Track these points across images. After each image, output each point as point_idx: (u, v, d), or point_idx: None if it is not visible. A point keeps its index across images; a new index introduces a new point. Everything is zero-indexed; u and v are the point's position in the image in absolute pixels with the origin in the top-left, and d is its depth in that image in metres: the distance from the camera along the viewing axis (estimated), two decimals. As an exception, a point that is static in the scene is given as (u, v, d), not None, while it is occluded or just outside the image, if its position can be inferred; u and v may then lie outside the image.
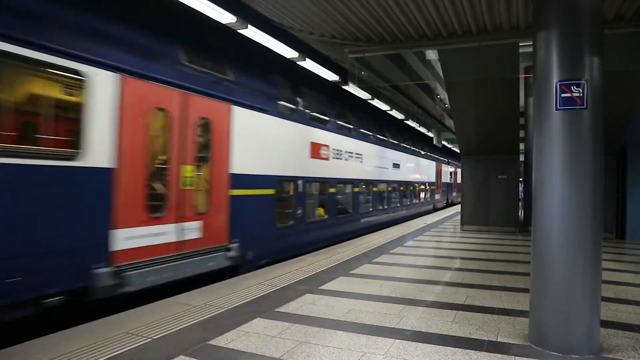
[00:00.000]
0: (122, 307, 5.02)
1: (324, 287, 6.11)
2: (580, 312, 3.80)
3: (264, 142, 8.31)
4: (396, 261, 8.19)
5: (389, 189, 16.53)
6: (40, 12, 4.63)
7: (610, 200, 11.20)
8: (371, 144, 14.55)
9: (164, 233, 6.01)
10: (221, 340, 4.03)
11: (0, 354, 3.66)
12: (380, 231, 13.43)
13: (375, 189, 14.83)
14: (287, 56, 8.01)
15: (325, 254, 8.89)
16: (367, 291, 5.90)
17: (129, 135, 5.47)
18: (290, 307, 5.12)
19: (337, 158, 11.70)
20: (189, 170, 6.44)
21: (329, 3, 6.05)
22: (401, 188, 18.14)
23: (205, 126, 6.81)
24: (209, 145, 6.87)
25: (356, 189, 13.20)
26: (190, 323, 4.48)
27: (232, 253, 7.22)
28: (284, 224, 9.15)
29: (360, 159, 13.43)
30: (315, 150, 10.44)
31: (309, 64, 8.63)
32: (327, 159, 11.05)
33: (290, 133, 9.43)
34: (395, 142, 17.63)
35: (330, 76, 9.70)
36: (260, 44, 7.19)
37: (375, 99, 12.68)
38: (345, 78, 9.76)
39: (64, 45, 4.77)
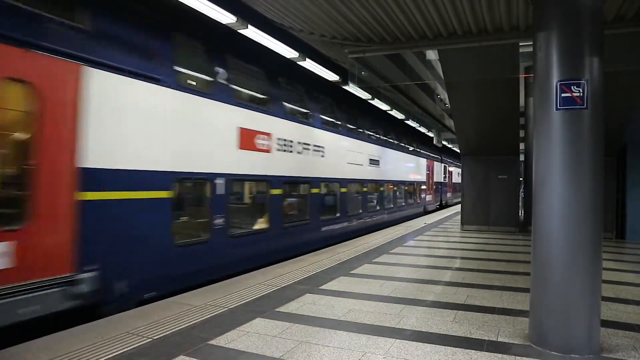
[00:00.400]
0: None
1: (324, 287, 6.12)
2: (580, 312, 3.81)
3: (148, 124, 5.96)
4: (396, 261, 8.20)
5: (364, 189, 14.18)
6: None
7: (610, 200, 11.21)
8: (339, 135, 12.21)
9: None
10: (221, 340, 4.03)
11: (1, 354, 3.67)
12: (380, 231, 13.42)
13: (343, 189, 12.41)
14: (288, 56, 8.01)
15: (325, 253, 8.89)
16: (368, 291, 5.90)
17: None
18: (291, 307, 5.12)
19: (285, 150, 9.27)
20: None
21: (330, 4, 6.05)
22: (381, 188, 15.70)
23: (22, 94, 4.57)
24: (28, 123, 4.65)
25: (315, 190, 10.76)
26: (190, 323, 4.48)
27: (81, 287, 4.90)
28: (188, 240, 6.79)
29: (322, 153, 11.01)
30: (248, 139, 8.04)
31: (309, 64, 8.64)
32: (267, 150, 8.66)
33: (203, 114, 7.03)
34: (375, 134, 15.32)
35: (331, 76, 9.71)
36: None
37: (376, 99, 12.67)
38: (345, 78, 9.76)
39: None
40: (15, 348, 3.78)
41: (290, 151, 9.53)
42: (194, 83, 7.15)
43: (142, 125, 5.88)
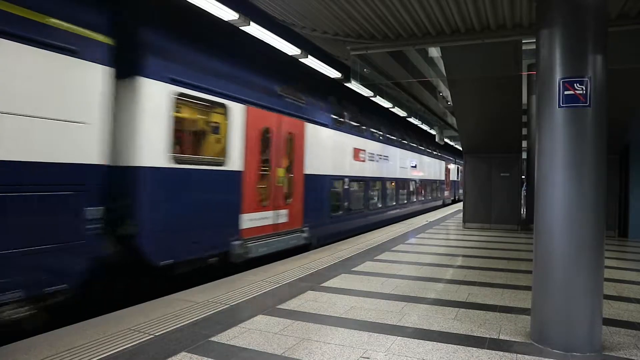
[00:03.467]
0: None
1: (326, 284, 6.13)
2: (582, 310, 3.80)
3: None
4: (398, 259, 8.20)
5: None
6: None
7: (613, 198, 11.18)
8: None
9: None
10: (223, 337, 4.04)
11: (3, 350, 3.69)
12: (381, 229, 13.44)
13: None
14: (290, 53, 8.01)
15: (327, 251, 8.90)
16: (369, 288, 5.91)
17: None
18: (292, 304, 5.13)
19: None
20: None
21: (332, 0, 6.04)
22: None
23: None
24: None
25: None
26: (192, 320, 4.50)
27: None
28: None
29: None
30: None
31: (311, 61, 8.63)
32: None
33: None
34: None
35: (333, 73, 9.69)
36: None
37: (378, 96, 12.66)
38: (347, 75, 9.74)
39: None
40: (19, 344, 3.80)
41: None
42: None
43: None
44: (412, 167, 19.61)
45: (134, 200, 5.64)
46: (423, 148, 22.31)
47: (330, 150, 10.98)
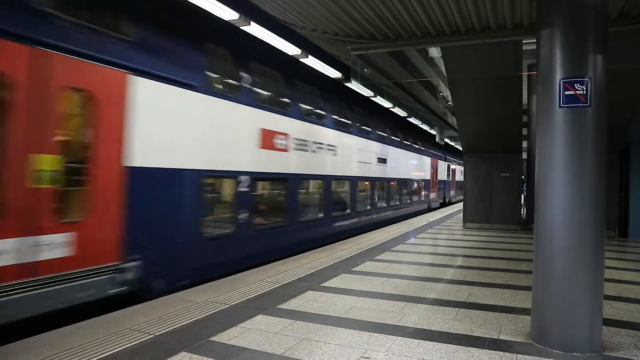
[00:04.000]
0: None
1: (326, 284, 6.12)
2: (582, 310, 3.80)
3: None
4: (398, 258, 8.20)
5: (422, 184, 21.60)
6: None
7: (613, 198, 11.17)
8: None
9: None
10: (223, 337, 4.04)
11: (3, 350, 3.68)
12: (382, 228, 13.43)
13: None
14: (290, 53, 8.01)
15: (327, 251, 8.90)
16: (369, 288, 5.91)
17: None
18: (292, 304, 5.13)
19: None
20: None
21: (332, 0, 6.04)
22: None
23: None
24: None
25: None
26: (192, 319, 4.50)
27: None
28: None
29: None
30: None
31: (311, 61, 8.63)
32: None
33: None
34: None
35: (333, 73, 9.69)
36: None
37: (378, 96, 12.64)
38: (348, 75, 9.75)
39: None
40: (19, 344, 3.80)
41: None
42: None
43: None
44: (380, 161, 15.05)
45: None
46: (399, 139, 17.61)
47: (201, 128, 6.80)
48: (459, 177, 32.17)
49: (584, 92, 3.82)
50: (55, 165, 4.67)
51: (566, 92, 3.88)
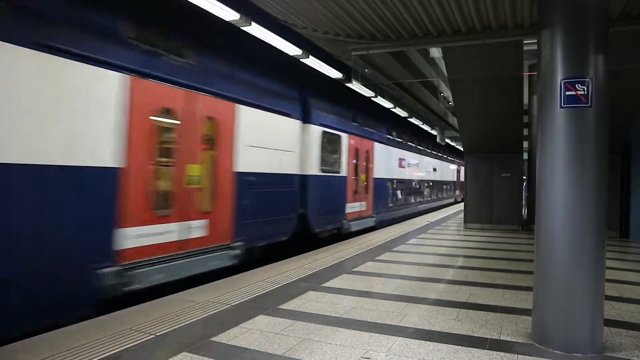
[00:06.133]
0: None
1: (327, 284, 6.12)
2: (583, 311, 3.79)
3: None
4: (399, 259, 8.20)
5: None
6: None
7: (614, 198, 11.16)
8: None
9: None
10: (224, 337, 4.04)
11: (4, 350, 3.69)
12: (383, 229, 13.43)
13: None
14: (291, 53, 8.01)
15: (328, 251, 8.90)
16: (370, 289, 5.91)
17: None
18: (293, 304, 5.13)
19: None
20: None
21: (333, 1, 6.05)
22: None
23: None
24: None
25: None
26: (193, 320, 4.50)
27: None
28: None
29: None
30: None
31: (312, 62, 8.63)
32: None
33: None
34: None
35: (334, 74, 9.69)
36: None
37: (379, 97, 12.66)
38: (349, 76, 9.74)
39: None
40: (19, 344, 3.80)
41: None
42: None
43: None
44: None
45: None
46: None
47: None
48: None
49: (585, 92, 3.82)
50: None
51: (567, 93, 3.88)
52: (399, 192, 16.97)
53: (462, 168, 31.27)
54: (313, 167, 9.89)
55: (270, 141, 8.29)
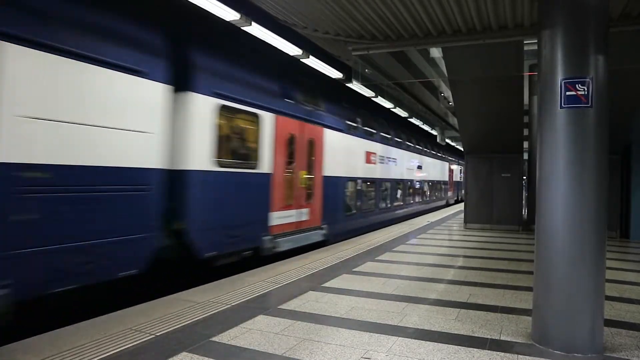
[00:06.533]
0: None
1: (327, 284, 6.12)
2: (583, 311, 3.79)
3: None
4: (399, 259, 8.19)
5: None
6: None
7: (615, 198, 11.15)
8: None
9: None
10: (224, 337, 4.04)
11: (4, 349, 3.69)
12: (383, 229, 13.43)
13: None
14: (291, 53, 8.01)
15: (328, 251, 8.90)
16: (370, 289, 5.91)
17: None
18: (293, 304, 5.13)
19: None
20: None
21: (334, 1, 6.05)
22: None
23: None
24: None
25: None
26: (193, 320, 4.50)
27: None
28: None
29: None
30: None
31: (312, 62, 8.63)
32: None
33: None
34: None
35: (334, 74, 9.69)
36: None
37: (379, 97, 12.66)
38: (349, 76, 9.74)
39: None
40: (19, 343, 3.80)
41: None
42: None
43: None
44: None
45: None
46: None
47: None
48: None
49: (585, 92, 3.82)
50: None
51: (567, 93, 3.88)
52: (366, 195, 13.66)
53: (457, 166, 30.20)
54: (199, 159, 6.54)
55: (81, 110, 4.90)
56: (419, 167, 20.46)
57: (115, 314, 4.68)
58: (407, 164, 18.18)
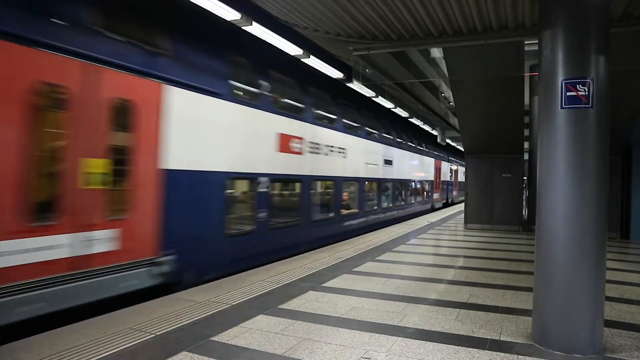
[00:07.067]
0: None
1: (327, 284, 6.12)
2: (583, 312, 3.79)
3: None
4: (399, 259, 8.19)
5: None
6: None
7: (615, 199, 11.15)
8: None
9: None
10: (224, 337, 4.05)
11: (4, 349, 3.69)
12: (383, 229, 13.42)
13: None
14: (292, 53, 8.01)
15: (328, 251, 8.90)
16: (370, 289, 5.91)
17: None
18: (294, 304, 5.13)
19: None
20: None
21: (335, 1, 6.05)
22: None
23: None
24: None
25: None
26: (193, 319, 4.50)
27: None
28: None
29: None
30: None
31: (313, 61, 8.63)
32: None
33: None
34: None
35: (335, 73, 9.69)
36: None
37: (380, 97, 12.64)
38: (349, 75, 9.74)
39: None
40: (20, 343, 3.81)
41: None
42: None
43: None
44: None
45: None
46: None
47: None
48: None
49: (586, 93, 3.81)
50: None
51: (568, 93, 3.87)
52: (282, 203, 9.53)
53: (448, 164, 28.40)
54: None
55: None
56: (389, 162, 15.90)
57: (115, 313, 4.69)
58: (368, 157, 13.75)
